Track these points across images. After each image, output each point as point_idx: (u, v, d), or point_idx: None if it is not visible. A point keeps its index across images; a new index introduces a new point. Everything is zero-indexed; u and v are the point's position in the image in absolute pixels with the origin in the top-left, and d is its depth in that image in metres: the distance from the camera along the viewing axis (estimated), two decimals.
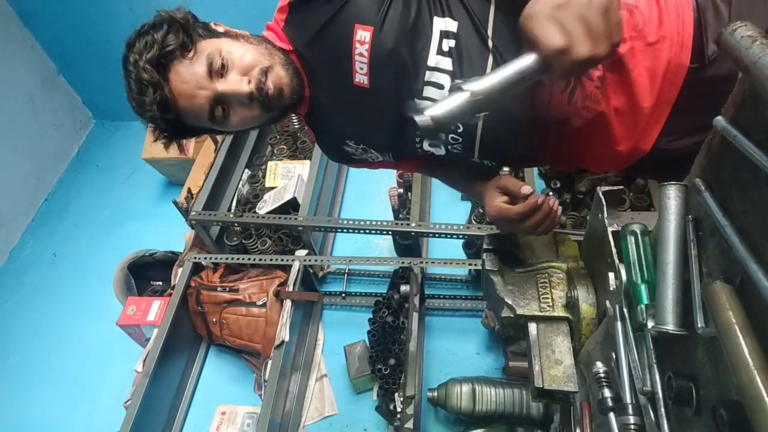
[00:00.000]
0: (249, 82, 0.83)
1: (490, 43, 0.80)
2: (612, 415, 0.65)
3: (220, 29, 0.91)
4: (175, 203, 1.85)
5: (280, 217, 1.87)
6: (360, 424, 1.80)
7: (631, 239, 0.66)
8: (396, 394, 1.66)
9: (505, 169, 1.43)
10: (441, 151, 0.93)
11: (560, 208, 0.87)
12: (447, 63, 0.81)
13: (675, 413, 0.57)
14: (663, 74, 0.78)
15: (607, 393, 0.68)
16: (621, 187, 0.82)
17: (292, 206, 1.98)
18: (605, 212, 0.78)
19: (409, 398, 1.53)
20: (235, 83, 0.83)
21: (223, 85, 0.83)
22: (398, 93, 0.85)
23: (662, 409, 0.57)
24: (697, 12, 0.77)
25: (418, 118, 0.63)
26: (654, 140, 0.83)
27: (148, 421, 1.67)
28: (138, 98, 0.84)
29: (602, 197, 0.79)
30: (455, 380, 1.66)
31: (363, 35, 0.80)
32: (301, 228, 1.84)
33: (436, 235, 1.76)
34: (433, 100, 0.83)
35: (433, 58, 0.81)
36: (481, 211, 1.91)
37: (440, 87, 0.83)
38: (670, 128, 0.82)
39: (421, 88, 0.83)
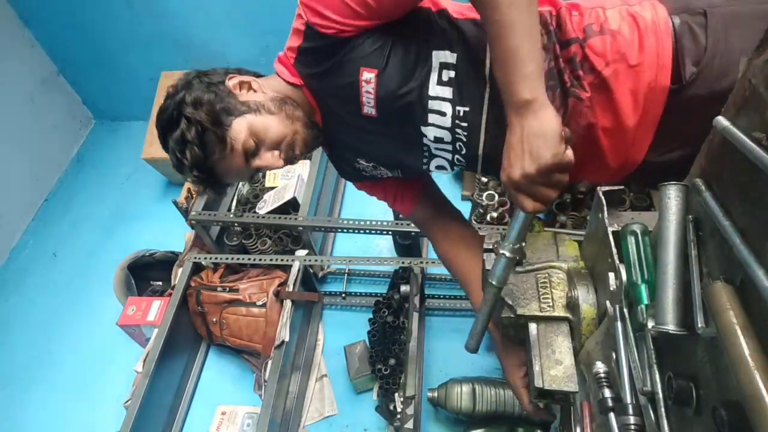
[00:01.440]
0: (280, 156, 0.94)
1: (486, 72, 0.85)
2: (612, 415, 0.65)
3: (234, 84, 0.94)
4: (175, 203, 1.85)
5: (280, 217, 1.87)
6: (360, 424, 1.80)
7: (631, 239, 0.66)
8: (396, 394, 1.66)
9: None
10: (447, 173, 1.03)
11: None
12: (447, 92, 0.88)
13: (675, 413, 0.57)
14: (645, 94, 0.83)
15: (607, 393, 0.68)
16: (621, 187, 0.82)
17: (292, 206, 1.99)
18: (605, 212, 0.78)
19: (409, 398, 1.53)
20: (269, 160, 0.94)
21: (258, 162, 0.94)
22: (404, 121, 0.92)
23: (662, 409, 0.57)
24: (674, 37, 0.82)
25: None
26: (644, 154, 0.89)
27: (148, 421, 1.67)
28: (184, 171, 0.93)
29: (602, 197, 0.79)
30: (455, 380, 1.66)
31: (368, 76, 0.87)
32: (301, 228, 1.84)
33: None
34: (437, 126, 0.91)
35: (434, 89, 0.88)
36: (481, 211, 1.91)
37: (442, 114, 0.89)
38: (658, 143, 0.88)
39: (426, 117, 0.90)
